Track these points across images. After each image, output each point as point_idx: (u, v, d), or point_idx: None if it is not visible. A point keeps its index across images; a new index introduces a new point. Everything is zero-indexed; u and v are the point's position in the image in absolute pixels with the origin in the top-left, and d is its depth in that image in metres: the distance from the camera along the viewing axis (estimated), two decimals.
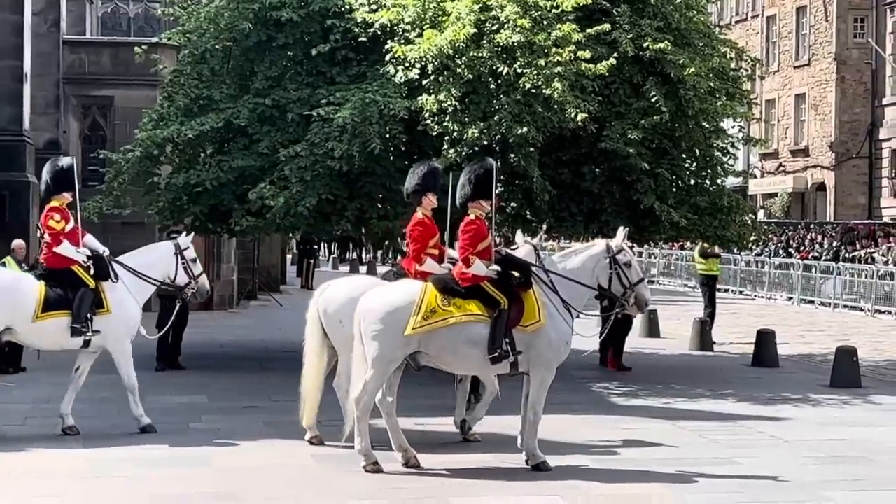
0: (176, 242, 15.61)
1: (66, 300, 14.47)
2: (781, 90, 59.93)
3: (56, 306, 14.46)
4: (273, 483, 12.19)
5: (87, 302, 14.54)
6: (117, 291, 14.88)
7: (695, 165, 21.70)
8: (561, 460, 13.06)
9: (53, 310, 14.44)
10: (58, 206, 14.87)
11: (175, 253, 15.42)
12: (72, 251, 14.72)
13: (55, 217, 14.72)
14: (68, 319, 14.44)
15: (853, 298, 38.04)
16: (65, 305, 14.47)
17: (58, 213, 14.79)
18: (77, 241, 14.87)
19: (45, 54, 31.09)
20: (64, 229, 14.75)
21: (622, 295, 13.12)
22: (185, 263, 15.42)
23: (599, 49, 19.52)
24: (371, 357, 12.53)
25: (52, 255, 14.72)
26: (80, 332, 14.53)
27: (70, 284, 14.56)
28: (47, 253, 14.81)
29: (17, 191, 27.05)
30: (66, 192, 14.99)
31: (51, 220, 14.71)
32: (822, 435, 15.24)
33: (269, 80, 20.43)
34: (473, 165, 13.32)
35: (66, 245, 14.69)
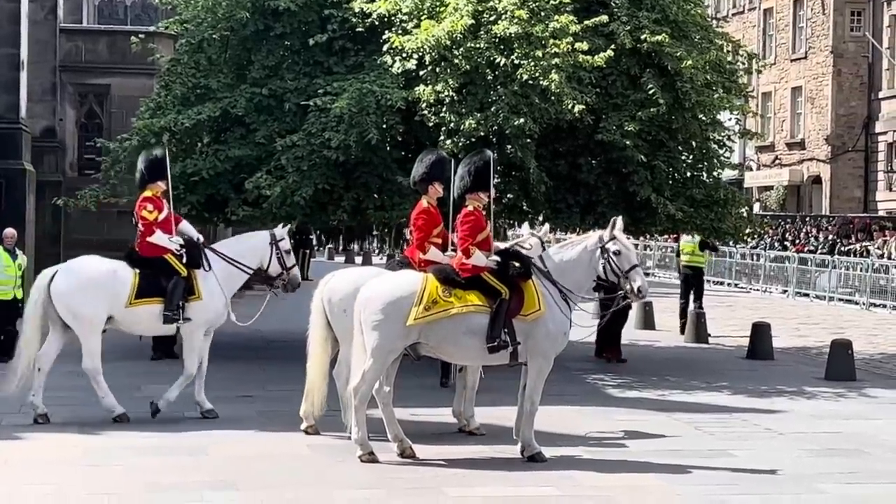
0: (272, 232, 15.80)
1: (158, 288, 14.76)
2: (778, 83, 59.92)
3: (149, 293, 14.77)
4: (269, 472, 12.20)
5: (180, 290, 14.83)
6: (209, 280, 15.10)
7: (691, 158, 21.71)
8: (556, 451, 13.09)
9: (146, 297, 14.75)
10: (151, 195, 15.18)
11: (270, 243, 15.56)
12: (164, 240, 15.00)
13: (148, 207, 15.04)
14: (160, 306, 14.71)
15: (848, 292, 38.05)
16: (157, 293, 14.76)
17: (151, 202, 15.10)
18: (170, 230, 15.17)
19: (41, 42, 31.01)
20: (157, 219, 15.05)
21: (618, 283, 13.15)
22: (279, 254, 15.57)
23: (597, 41, 19.53)
24: (371, 347, 12.55)
25: (146, 244, 15.01)
26: (171, 320, 14.86)
27: (163, 272, 14.84)
28: (141, 242, 15.07)
29: (14, 178, 27.00)
30: (160, 182, 15.27)
31: (144, 210, 15.02)
32: (816, 427, 15.28)
33: (267, 70, 20.43)
34: (473, 157, 13.34)
35: (159, 234, 14.99)
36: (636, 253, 13.52)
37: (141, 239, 15.09)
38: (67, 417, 14.88)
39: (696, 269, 27.17)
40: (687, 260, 27.06)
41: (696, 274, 27.20)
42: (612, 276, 13.01)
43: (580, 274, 13.06)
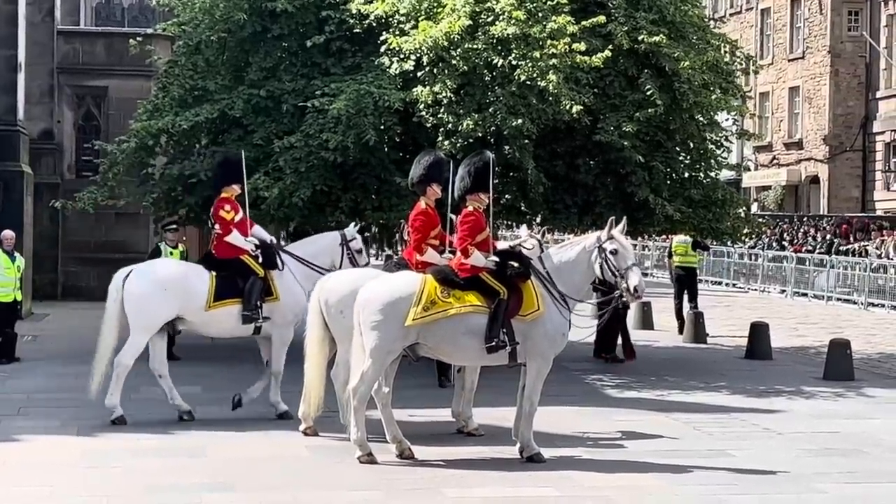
0: (342, 233, 15.95)
1: (236, 289, 14.86)
2: (775, 83, 59.97)
3: (227, 295, 14.88)
4: (267, 473, 12.21)
5: (257, 290, 14.95)
6: (285, 279, 15.23)
7: (689, 158, 21.72)
8: (555, 452, 13.10)
9: (224, 298, 14.87)
10: (227, 197, 15.29)
11: (341, 243, 15.63)
12: (241, 241, 15.15)
13: (225, 208, 15.15)
14: (239, 307, 14.79)
15: (846, 291, 38.07)
16: (235, 294, 14.85)
17: (228, 203, 15.21)
18: (245, 231, 15.32)
19: (39, 44, 31.06)
20: (233, 220, 15.18)
21: (615, 283, 13.16)
22: (350, 254, 15.72)
23: (594, 41, 19.53)
24: (370, 347, 12.56)
25: (223, 244, 15.12)
26: (251, 319, 14.95)
27: (240, 273, 14.95)
28: (218, 243, 15.17)
29: (12, 181, 27.03)
30: (235, 184, 15.39)
31: (221, 211, 15.13)
32: (815, 427, 15.29)
33: (264, 71, 20.42)
34: (472, 158, 13.35)
35: (236, 234, 15.12)
36: (634, 253, 13.52)
37: (218, 240, 15.24)
38: (66, 419, 14.87)
39: (689, 270, 27.19)
40: (679, 260, 27.05)
41: (689, 274, 27.19)
42: (609, 275, 13.00)
43: (579, 275, 13.07)
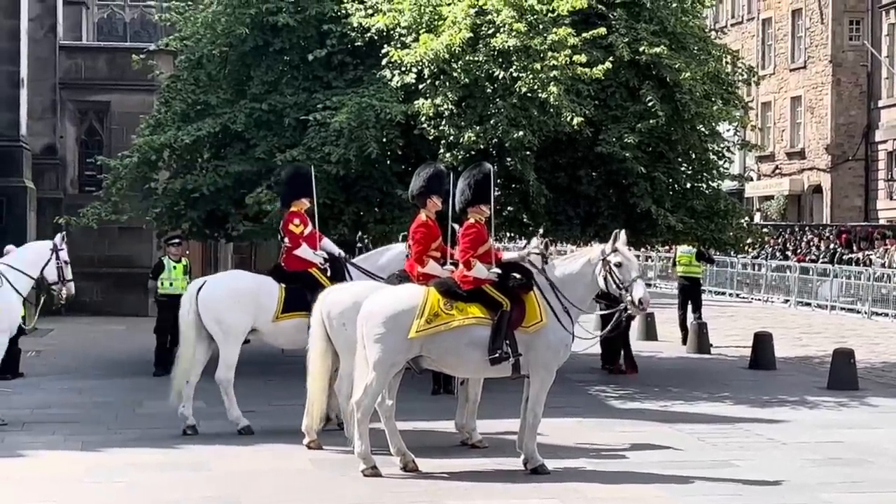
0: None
1: (304, 302, 14.84)
2: (777, 93, 59.99)
3: (295, 307, 14.97)
4: (271, 487, 12.20)
5: None
6: None
7: (691, 169, 21.72)
8: (559, 463, 13.09)
9: (292, 310, 14.98)
10: (297, 211, 15.43)
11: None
12: (310, 254, 15.32)
13: (295, 221, 15.32)
14: (306, 320, 14.68)
15: (850, 301, 38.05)
16: (303, 306, 14.83)
17: (297, 217, 15.37)
18: (315, 245, 15.47)
19: (41, 59, 31.10)
20: (303, 233, 15.33)
21: (620, 296, 13.15)
22: None
23: (595, 53, 19.55)
24: (373, 360, 12.56)
25: (292, 257, 15.24)
26: None
27: (308, 286, 15.01)
28: (287, 256, 15.28)
29: (15, 196, 27.06)
30: (305, 198, 15.54)
31: (291, 225, 15.29)
32: (819, 437, 15.27)
33: (266, 85, 20.44)
34: (472, 170, 13.36)
35: (305, 248, 15.28)
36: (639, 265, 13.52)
37: (287, 253, 15.35)
38: (69, 435, 14.87)
39: (693, 280, 27.22)
40: (683, 271, 27.12)
41: (693, 284, 27.22)
42: (613, 288, 12.98)
43: (582, 287, 13.07)
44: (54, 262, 16.19)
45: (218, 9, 20.81)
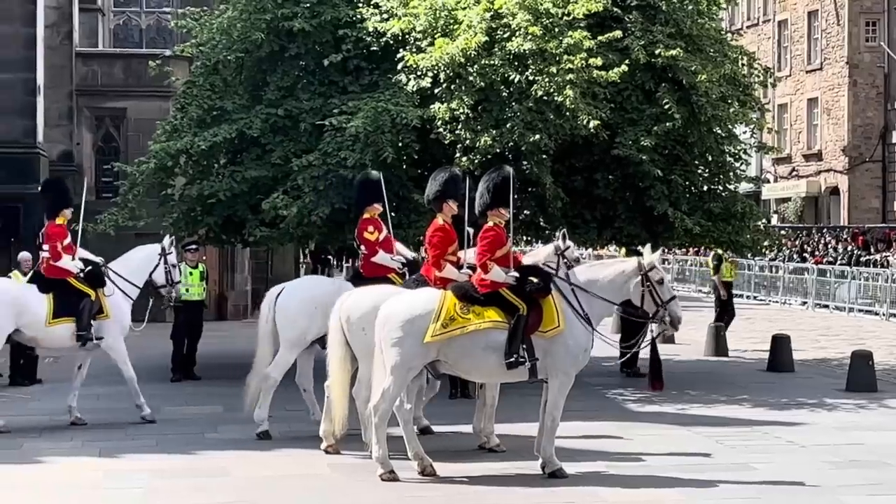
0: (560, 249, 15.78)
1: None
2: (794, 95, 59.85)
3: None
4: (290, 492, 12.21)
5: None
6: None
7: (707, 171, 21.69)
8: (576, 467, 13.07)
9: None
10: (370, 217, 15.47)
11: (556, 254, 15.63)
12: (388, 260, 15.40)
13: (369, 228, 15.37)
14: None
15: (868, 302, 37.93)
16: None
17: (371, 224, 15.42)
18: (390, 249, 15.55)
19: (57, 67, 31.20)
20: (378, 239, 15.38)
21: (654, 313, 13.13)
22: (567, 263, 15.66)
23: (611, 56, 19.52)
24: (390, 364, 12.55)
25: (370, 264, 15.32)
26: None
27: None
28: (365, 263, 15.37)
29: (32, 203, 27.08)
30: (377, 204, 15.57)
31: (366, 232, 15.33)
32: (838, 439, 15.22)
33: (282, 91, 20.46)
34: (491, 174, 13.30)
35: (382, 254, 15.37)
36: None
37: (365, 260, 15.39)
38: (88, 441, 14.90)
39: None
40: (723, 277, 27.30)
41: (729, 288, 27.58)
42: (649, 304, 13.00)
43: (610, 295, 13.08)
44: (162, 265, 16.62)
45: (233, 14, 20.84)
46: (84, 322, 15.83)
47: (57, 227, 16.21)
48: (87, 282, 16.08)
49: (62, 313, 15.85)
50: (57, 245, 16.05)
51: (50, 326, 15.86)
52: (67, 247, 16.21)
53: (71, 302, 15.90)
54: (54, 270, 16.05)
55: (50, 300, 15.86)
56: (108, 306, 16.14)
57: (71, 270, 16.03)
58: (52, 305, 15.83)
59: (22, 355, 20.03)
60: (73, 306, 15.89)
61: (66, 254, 16.11)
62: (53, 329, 15.88)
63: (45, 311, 15.83)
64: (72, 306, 15.89)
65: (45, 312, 15.83)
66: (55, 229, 16.17)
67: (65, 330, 15.90)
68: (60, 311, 15.85)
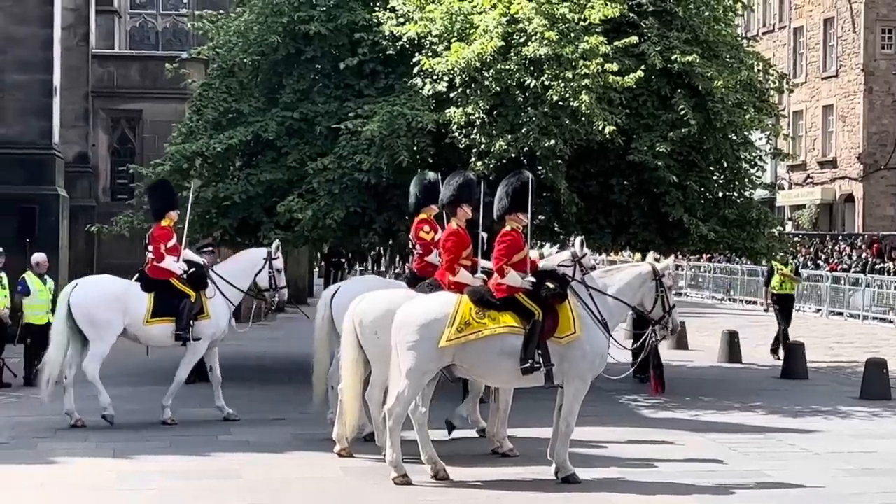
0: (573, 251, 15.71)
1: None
2: (809, 101, 59.75)
3: None
4: (303, 495, 12.22)
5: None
6: None
7: (723, 178, 21.66)
8: (590, 473, 13.06)
9: None
10: (426, 217, 15.48)
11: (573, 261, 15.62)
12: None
13: (425, 228, 15.38)
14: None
15: (882, 310, 37.88)
16: None
17: (427, 224, 15.43)
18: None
19: (74, 68, 31.28)
20: (433, 239, 15.33)
21: (661, 318, 13.19)
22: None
23: (627, 61, 19.52)
24: (405, 368, 12.55)
25: (426, 264, 15.26)
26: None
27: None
28: (419, 262, 15.36)
29: (47, 204, 27.17)
30: (434, 205, 15.49)
31: (421, 232, 15.35)
32: (852, 447, 15.20)
33: (298, 94, 20.50)
34: (511, 178, 13.28)
35: (435, 255, 15.23)
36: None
37: (419, 260, 15.40)
38: (101, 441, 14.93)
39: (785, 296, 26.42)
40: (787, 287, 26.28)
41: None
42: (658, 308, 13.09)
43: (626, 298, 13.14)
44: (267, 270, 16.77)
45: (250, 17, 20.90)
46: (183, 322, 16.28)
47: (162, 228, 16.67)
48: (189, 283, 16.47)
49: (161, 313, 16.32)
50: (160, 246, 16.51)
51: (148, 325, 16.33)
52: (172, 248, 16.64)
53: (171, 302, 16.35)
54: (157, 271, 16.50)
55: (151, 299, 16.30)
56: (209, 308, 16.51)
57: (174, 271, 16.46)
58: (151, 305, 16.27)
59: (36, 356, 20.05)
60: (172, 306, 16.35)
61: (170, 255, 16.53)
62: (151, 328, 16.36)
63: (145, 310, 16.27)
64: (171, 306, 16.35)
65: (144, 311, 16.26)
66: (160, 231, 16.65)
67: (163, 329, 16.37)
68: (159, 311, 16.31)
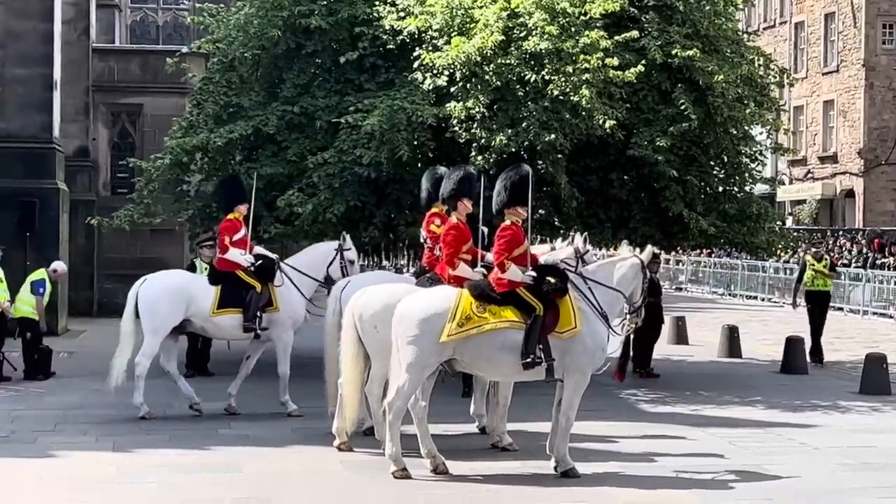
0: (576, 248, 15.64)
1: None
2: (810, 97, 59.76)
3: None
4: (302, 489, 12.22)
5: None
6: None
7: (723, 172, 21.68)
8: (589, 467, 13.06)
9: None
10: (438, 212, 15.43)
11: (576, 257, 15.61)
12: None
13: (436, 222, 15.30)
14: None
15: (882, 305, 37.88)
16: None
17: (438, 218, 15.36)
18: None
19: (74, 62, 31.28)
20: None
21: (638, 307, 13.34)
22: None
23: (627, 56, 19.52)
24: (406, 362, 12.55)
25: (436, 258, 15.15)
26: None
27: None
28: (430, 256, 15.32)
29: (47, 198, 27.18)
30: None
31: (432, 226, 15.29)
32: (851, 442, 15.21)
33: (298, 88, 20.50)
34: (509, 172, 13.27)
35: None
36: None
37: (429, 253, 15.38)
38: (101, 435, 14.94)
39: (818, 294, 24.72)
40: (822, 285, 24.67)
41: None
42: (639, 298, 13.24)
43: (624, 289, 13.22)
44: (338, 261, 16.86)
45: (250, 11, 20.89)
46: (250, 313, 16.44)
47: (228, 221, 16.87)
48: (256, 275, 16.60)
49: (227, 304, 16.49)
50: (225, 238, 16.71)
51: (214, 316, 16.52)
52: (240, 240, 16.78)
53: (237, 294, 16.49)
54: (223, 263, 16.70)
55: (217, 291, 16.48)
56: (279, 299, 16.66)
57: (240, 263, 16.62)
58: (218, 296, 16.45)
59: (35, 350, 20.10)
60: (238, 298, 16.50)
61: (237, 247, 16.67)
62: (218, 319, 16.55)
63: (211, 302, 16.44)
64: (238, 298, 16.50)
65: (210, 303, 16.44)
66: (226, 223, 16.88)
67: (230, 320, 16.55)
68: (225, 303, 16.49)
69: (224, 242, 16.70)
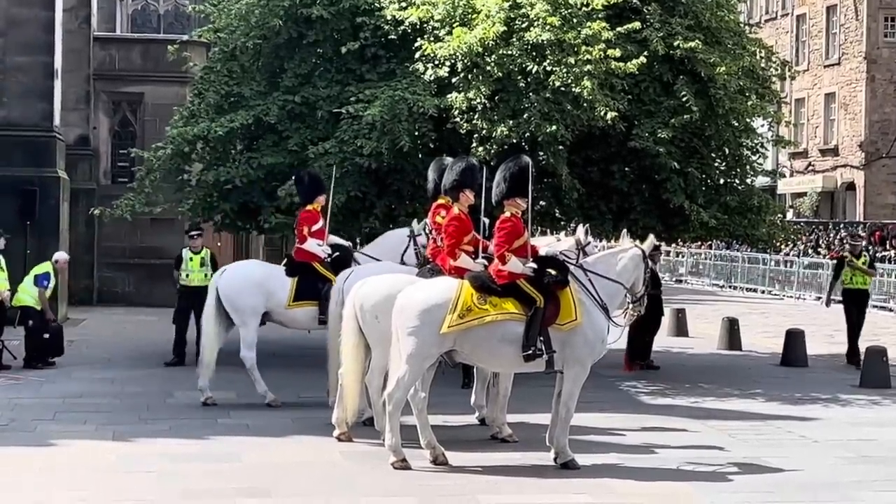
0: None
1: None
2: (811, 89, 59.73)
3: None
4: (302, 479, 12.22)
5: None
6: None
7: (724, 165, 21.66)
8: (589, 458, 13.06)
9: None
10: (443, 203, 15.29)
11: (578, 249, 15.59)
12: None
13: (442, 213, 15.16)
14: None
15: (882, 299, 37.85)
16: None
17: (444, 209, 15.22)
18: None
19: (75, 51, 31.24)
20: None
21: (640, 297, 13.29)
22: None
23: (629, 47, 19.50)
24: (406, 353, 12.54)
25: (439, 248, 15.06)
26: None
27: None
28: (435, 247, 15.17)
29: (48, 186, 27.15)
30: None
31: (438, 217, 15.18)
32: (851, 435, 15.20)
33: (299, 78, 20.47)
34: (509, 163, 13.25)
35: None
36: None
37: (434, 244, 15.23)
38: (101, 424, 14.93)
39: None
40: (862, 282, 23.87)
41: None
42: (640, 288, 13.17)
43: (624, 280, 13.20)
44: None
45: (252, 0, 20.85)
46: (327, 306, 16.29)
47: (307, 212, 16.88)
48: (332, 267, 16.58)
49: (303, 297, 16.53)
50: (304, 229, 16.74)
51: (290, 309, 16.56)
52: (318, 231, 16.81)
53: (314, 287, 16.51)
54: (302, 254, 16.75)
55: (294, 283, 16.51)
56: None
57: (317, 254, 16.68)
58: (294, 288, 16.49)
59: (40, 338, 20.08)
60: (315, 291, 16.50)
61: (315, 238, 16.71)
62: (294, 311, 16.59)
63: (287, 294, 16.48)
64: (314, 291, 16.51)
65: (286, 295, 16.48)
66: (305, 214, 16.90)
67: (305, 313, 16.60)
68: (302, 295, 16.53)
69: (303, 233, 16.72)
